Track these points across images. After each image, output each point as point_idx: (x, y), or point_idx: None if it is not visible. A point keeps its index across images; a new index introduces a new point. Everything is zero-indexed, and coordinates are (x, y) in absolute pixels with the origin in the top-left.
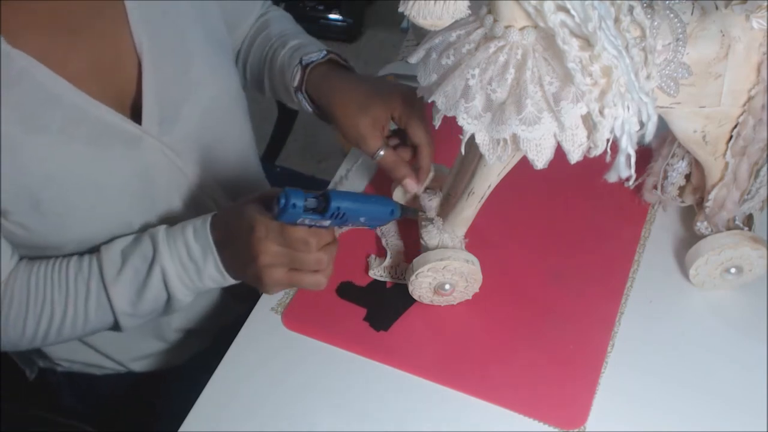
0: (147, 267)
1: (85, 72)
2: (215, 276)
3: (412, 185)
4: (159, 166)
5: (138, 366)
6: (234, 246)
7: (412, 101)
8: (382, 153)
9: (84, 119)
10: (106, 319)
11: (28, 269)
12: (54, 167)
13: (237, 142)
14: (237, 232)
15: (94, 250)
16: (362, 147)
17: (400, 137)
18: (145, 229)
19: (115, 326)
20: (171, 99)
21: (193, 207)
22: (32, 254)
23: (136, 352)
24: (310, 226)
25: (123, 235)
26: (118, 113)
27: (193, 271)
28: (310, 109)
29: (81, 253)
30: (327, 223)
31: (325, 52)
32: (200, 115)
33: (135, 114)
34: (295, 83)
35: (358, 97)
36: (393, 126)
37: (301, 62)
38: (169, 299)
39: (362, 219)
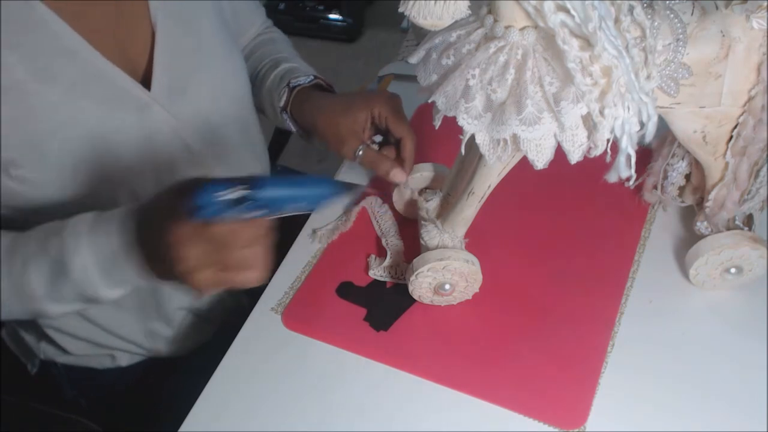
0: (57, 263)
1: (101, 33)
2: (136, 277)
3: (400, 174)
4: (164, 136)
5: (148, 345)
6: (153, 248)
7: (390, 100)
8: (361, 152)
9: (95, 77)
10: (22, 306)
11: None
12: (62, 119)
13: (245, 128)
14: (155, 234)
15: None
16: (343, 149)
17: (384, 136)
18: (146, 194)
19: (36, 315)
20: (181, 71)
21: None
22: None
23: (143, 332)
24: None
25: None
26: (129, 77)
27: (117, 273)
28: (294, 129)
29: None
30: (259, 213)
31: (312, 77)
32: (210, 92)
33: (145, 83)
34: (281, 103)
35: (339, 105)
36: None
37: (288, 84)
38: (96, 294)
39: (299, 204)
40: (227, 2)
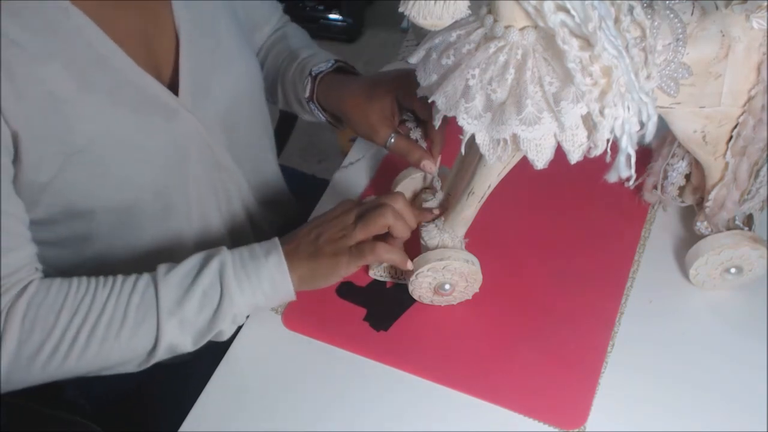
0: (201, 261)
1: (132, 39)
2: (274, 273)
3: (430, 166)
4: (192, 140)
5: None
6: (310, 225)
7: (414, 81)
8: (393, 140)
9: (129, 84)
10: (145, 323)
11: (69, 278)
12: (98, 128)
13: (258, 126)
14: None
15: (124, 217)
16: (374, 137)
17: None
18: (176, 200)
19: (155, 340)
20: (203, 73)
21: (220, 187)
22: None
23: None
24: None
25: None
26: (159, 83)
27: (252, 267)
28: (323, 118)
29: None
30: None
31: (333, 61)
32: (227, 93)
33: (170, 88)
34: (306, 94)
35: (364, 90)
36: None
37: (310, 73)
38: (221, 301)
39: None
40: (240, 1)
